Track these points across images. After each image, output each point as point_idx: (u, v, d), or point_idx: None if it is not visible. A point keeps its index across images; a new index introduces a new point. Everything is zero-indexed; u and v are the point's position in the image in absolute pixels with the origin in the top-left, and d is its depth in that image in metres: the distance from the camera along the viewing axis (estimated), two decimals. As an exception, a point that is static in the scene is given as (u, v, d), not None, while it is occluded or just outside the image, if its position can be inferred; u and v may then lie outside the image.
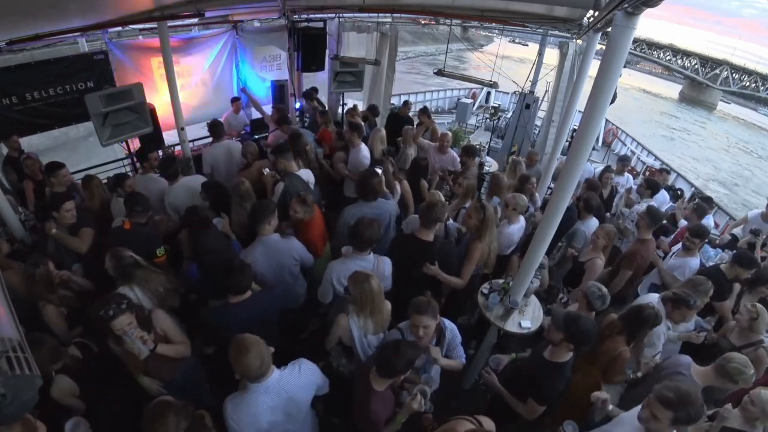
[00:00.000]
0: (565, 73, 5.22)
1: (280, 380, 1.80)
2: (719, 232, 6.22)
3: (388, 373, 1.87)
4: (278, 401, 1.79)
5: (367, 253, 2.60)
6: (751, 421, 2.05)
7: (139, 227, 3.01)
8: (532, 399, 2.15)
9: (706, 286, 2.83)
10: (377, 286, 2.24)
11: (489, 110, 12.26)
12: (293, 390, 1.84)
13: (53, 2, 2.78)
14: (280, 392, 1.80)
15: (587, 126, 2.13)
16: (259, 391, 1.75)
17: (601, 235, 3.35)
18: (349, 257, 2.62)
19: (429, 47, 36.47)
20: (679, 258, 3.53)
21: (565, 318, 2.08)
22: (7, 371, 1.38)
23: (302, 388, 1.89)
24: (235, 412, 1.75)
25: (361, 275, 2.24)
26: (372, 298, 2.22)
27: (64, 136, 9.45)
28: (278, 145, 3.72)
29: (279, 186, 3.41)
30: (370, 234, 2.49)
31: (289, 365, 1.92)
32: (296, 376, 1.87)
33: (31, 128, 4.91)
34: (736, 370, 2.15)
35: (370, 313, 2.25)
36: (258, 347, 1.71)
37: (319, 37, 5.64)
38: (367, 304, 2.23)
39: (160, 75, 5.70)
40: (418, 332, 2.12)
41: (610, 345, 2.45)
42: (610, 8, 2.38)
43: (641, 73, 49.98)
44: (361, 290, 2.21)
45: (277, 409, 1.80)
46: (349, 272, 2.47)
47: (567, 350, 2.14)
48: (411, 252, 2.82)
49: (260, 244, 2.73)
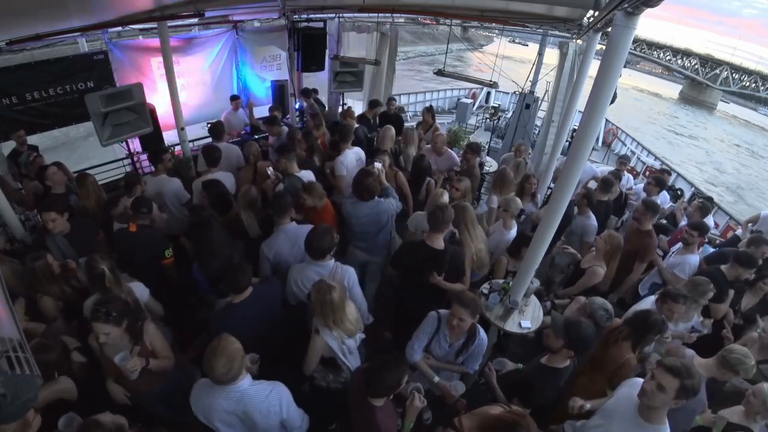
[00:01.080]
0: (565, 73, 5.21)
1: (244, 393, 1.78)
2: (719, 232, 6.23)
3: (380, 394, 1.84)
4: (233, 409, 1.78)
5: (327, 260, 2.57)
6: (752, 415, 2.06)
7: (146, 229, 3.00)
8: (518, 399, 2.14)
9: (705, 287, 2.81)
10: (338, 299, 2.17)
11: (489, 110, 12.26)
12: (252, 407, 1.79)
13: (53, 2, 2.78)
14: (239, 403, 1.78)
15: (587, 126, 2.13)
16: (220, 394, 1.76)
17: (607, 241, 3.22)
18: (308, 263, 2.58)
19: (429, 47, 36.49)
20: (678, 255, 3.54)
21: (566, 324, 2.07)
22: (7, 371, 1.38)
23: (262, 410, 1.81)
24: (194, 396, 1.82)
25: (323, 286, 2.17)
26: (333, 309, 2.17)
27: (64, 136, 9.47)
28: (281, 145, 3.73)
29: (279, 188, 3.43)
30: (322, 244, 2.47)
31: (264, 383, 1.87)
32: (261, 398, 1.82)
33: (31, 128, 4.91)
34: (737, 360, 2.18)
35: (334, 323, 2.21)
36: (231, 357, 1.69)
37: (319, 37, 5.64)
38: (328, 316, 2.18)
39: (160, 75, 5.71)
40: (453, 321, 2.18)
41: (616, 352, 2.39)
42: (610, 8, 2.38)
43: (641, 73, 50.02)
44: (321, 301, 2.15)
45: (233, 416, 1.79)
46: (305, 277, 2.50)
47: (565, 357, 2.13)
48: (421, 260, 2.76)
49: (281, 232, 2.84)
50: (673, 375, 1.68)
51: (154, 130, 4.57)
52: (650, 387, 1.75)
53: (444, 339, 2.36)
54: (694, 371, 1.70)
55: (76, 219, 3.07)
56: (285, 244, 2.82)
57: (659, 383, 1.72)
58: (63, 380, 2.05)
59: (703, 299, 2.84)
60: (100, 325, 1.95)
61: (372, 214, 3.15)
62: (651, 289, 3.61)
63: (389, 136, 4.47)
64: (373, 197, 3.15)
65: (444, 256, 2.75)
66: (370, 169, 3.41)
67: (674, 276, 3.39)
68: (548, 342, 2.16)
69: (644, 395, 1.77)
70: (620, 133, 13.00)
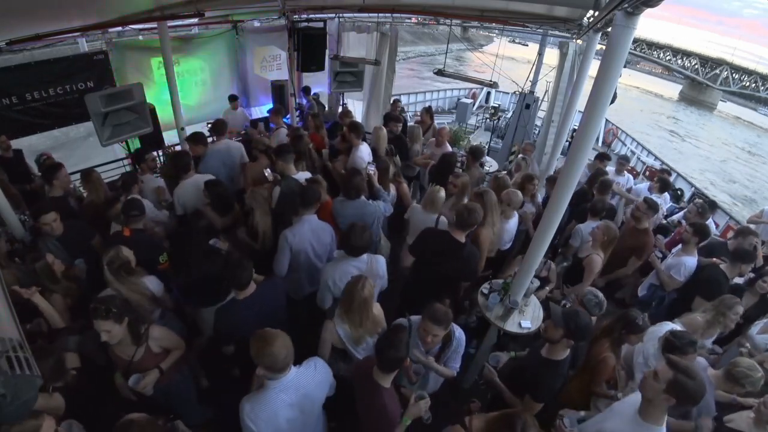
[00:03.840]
0: (565, 73, 5.21)
1: (297, 378, 1.82)
2: (719, 232, 6.22)
3: (392, 367, 1.88)
4: (295, 398, 1.81)
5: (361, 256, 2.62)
6: (763, 424, 2.07)
7: (139, 233, 2.94)
8: (530, 396, 2.17)
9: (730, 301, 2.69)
10: (369, 293, 2.23)
11: (489, 110, 12.26)
12: (309, 387, 1.86)
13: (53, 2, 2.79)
14: (298, 389, 1.81)
15: (587, 126, 2.13)
16: (277, 389, 1.76)
17: (603, 230, 3.31)
18: (342, 259, 2.62)
19: (429, 47, 36.49)
20: (675, 257, 3.51)
21: (564, 314, 2.12)
22: (7, 371, 1.38)
23: (318, 385, 1.91)
24: (254, 411, 1.73)
25: (357, 281, 2.22)
26: (363, 304, 2.21)
27: (64, 136, 9.47)
28: (279, 147, 3.71)
29: (275, 191, 3.41)
30: (360, 242, 2.51)
31: (305, 363, 1.93)
32: (312, 374, 1.89)
33: (31, 128, 4.92)
34: (742, 374, 2.18)
35: (360, 322, 2.23)
36: (283, 338, 1.72)
37: (319, 37, 5.64)
38: (356, 312, 2.21)
39: (160, 75, 5.71)
40: (426, 338, 2.14)
41: (597, 349, 2.48)
42: (610, 8, 2.38)
43: (641, 73, 50.00)
44: (352, 297, 2.19)
45: (295, 407, 1.82)
46: (343, 273, 2.51)
47: (565, 347, 2.15)
48: (442, 247, 2.82)
49: (306, 222, 2.88)
50: (671, 367, 1.69)
51: (154, 130, 4.58)
52: (648, 374, 1.77)
53: (418, 347, 2.30)
54: (694, 373, 1.70)
55: (68, 222, 3.03)
56: (310, 234, 2.87)
57: (655, 371, 1.73)
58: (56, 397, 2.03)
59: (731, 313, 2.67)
60: (100, 323, 1.97)
61: (357, 214, 3.14)
62: (649, 290, 3.62)
63: (383, 137, 4.47)
64: (359, 196, 3.16)
65: (464, 249, 2.80)
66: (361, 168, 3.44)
67: (671, 278, 3.37)
68: (548, 333, 2.18)
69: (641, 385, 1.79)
70: (620, 133, 12.99)
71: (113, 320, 1.99)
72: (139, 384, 2.16)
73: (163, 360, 2.31)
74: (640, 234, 3.59)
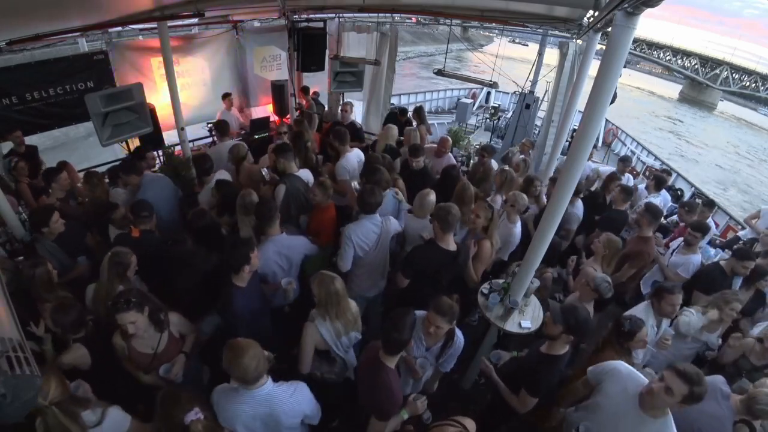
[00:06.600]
0: (565, 73, 5.21)
1: (269, 394, 1.79)
2: (719, 232, 6.22)
3: (396, 349, 1.91)
4: (260, 412, 1.79)
5: (375, 214, 2.90)
6: None
7: (149, 235, 2.93)
8: (525, 390, 2.18)
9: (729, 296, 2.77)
10: (342, 288, 2.25)
11: (489, 110, 12.25)
12: (280, 407, 1.81)
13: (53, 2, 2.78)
14: (267, 405, 1.79)
15: (587, 126, 2.13)
16: (245, 398, 1.76)
17: (605, 245, 3.20)
18: (362, 218, 2.90)
19: (429, 47, 36.47)
20: (681, 255, 3.53)
21: (563, 310, 2.14)
22: (7, 371, 1.38)
23: (288, 411, 1.84)
24: (218, 404, 1.81)
25: (326, 277, 2.23)
26: (338, 300, 2.22)
27: (64, 136, 9.45)
28: (278, 145, 3.70)
29: (280, 188, 3.36)
30: (373, 199, 2.83)
31: (287, 383, 1.89)
32: (287, 396, 1.84)
33: (31, 128, 4.91)
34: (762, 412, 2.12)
35: (336, 315, 2.24)
36: (254, 348, 1.71)
37: (319, 37, 5.64)
38: (332, 306, 2.22)
39: (160, 75, 5.70)
40: (429, 329, 2.15)
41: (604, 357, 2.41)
42: (610, 8, 2.38)
43: (641, 73, 50.00)
44: (326, 292, 2.19)
45: (257, 419, 1.80)
46: (364, 230, 2.86)
47: (564, 343, 2.16)
48: (435, 264, 2.73)
49: (271, 243, 2.72)
50: (684, 381, 1.68)
51: (154, 130, 4.58)
52: (658, 388, 1.75)
53: (420, 342, 2.31)
54: (703, 379, 1.69)
55: (66, 223, 3.01)
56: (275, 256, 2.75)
57: (668, 386, 1.71)
58: (77, 347, 2.11)
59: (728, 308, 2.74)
60: (124, 315, 1.98)
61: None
62: (653, 287, 3.60)
63: (388, 135, 4.44)
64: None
65: (458, 257, 2.76)
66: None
67: (677, 276, 3.40)
68: (547, 330, 2.19)
69: (649, 394, 1.77)
70: (620, 133, 12.99)
71: (135, 310, 2.02)
72: (171, 372, 2.19)
73: (183, 345, 2.36)
74: (639, 242, 3.53)
